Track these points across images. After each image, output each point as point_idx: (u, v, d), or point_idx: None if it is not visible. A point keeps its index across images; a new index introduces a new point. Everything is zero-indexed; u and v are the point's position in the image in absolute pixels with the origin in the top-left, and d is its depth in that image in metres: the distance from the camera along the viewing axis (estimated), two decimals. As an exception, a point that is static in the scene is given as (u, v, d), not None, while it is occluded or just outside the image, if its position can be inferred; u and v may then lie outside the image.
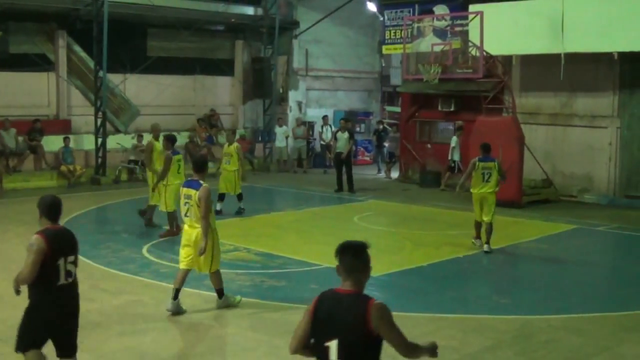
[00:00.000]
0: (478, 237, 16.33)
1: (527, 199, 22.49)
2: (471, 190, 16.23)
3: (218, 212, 20.17)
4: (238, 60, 34.02)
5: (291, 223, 19.19)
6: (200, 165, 11.89)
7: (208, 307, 11.72)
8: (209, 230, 11.12)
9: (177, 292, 11.35)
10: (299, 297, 12.20)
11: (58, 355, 7.99)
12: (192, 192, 11.14)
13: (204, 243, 10.98)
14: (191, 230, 11.32)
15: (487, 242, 16.02)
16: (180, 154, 17.64)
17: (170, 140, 17.58)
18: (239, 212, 20.32)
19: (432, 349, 5.76)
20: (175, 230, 17.06)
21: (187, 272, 11.46)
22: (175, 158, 17.20)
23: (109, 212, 21.82)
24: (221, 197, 20.26)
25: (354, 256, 5.82)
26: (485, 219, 15.94)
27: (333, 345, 5.50)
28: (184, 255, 11.48)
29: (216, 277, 11.60)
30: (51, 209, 7.77)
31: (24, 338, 7.81)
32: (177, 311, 11.30)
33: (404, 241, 16.87)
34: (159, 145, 18.37)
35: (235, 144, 20.53)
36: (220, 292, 11.66)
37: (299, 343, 5.80)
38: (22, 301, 11.86)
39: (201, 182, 11.29)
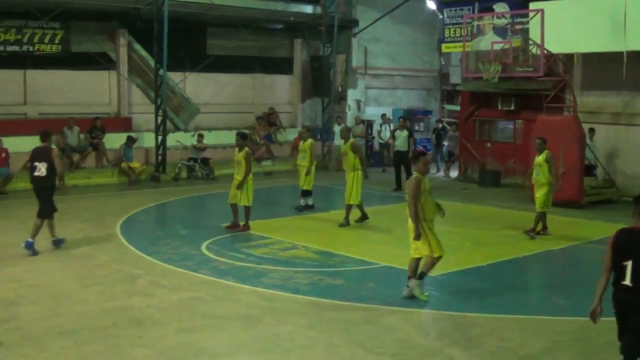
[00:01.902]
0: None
1: (588, 199, 22.19)
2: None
3: (310, 207, 20.35)
4: (297, 59, 34.12)
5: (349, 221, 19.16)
6: None
7: (265, 304, 11.77)
8: (418, 219, 11.75)
9: (409, 278, 12.07)
10: (356, 296, 12.18)
11: None
12: None
13: (415, 231, 11.72)
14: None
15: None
16: None
17: (243, 136, 18.01)
18: (299, 209, 20.36)
19: None
20: (247, 226, 17.45)
21: (418, 260, 12.10)
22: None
23: (168, 209, 22.02)
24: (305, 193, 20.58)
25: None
26: None
27: (629, 264, 7.54)
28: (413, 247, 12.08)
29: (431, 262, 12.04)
30: None
31: None
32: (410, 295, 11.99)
33: (462, 241, 16.73)
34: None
35: (310, 140, 20.55)
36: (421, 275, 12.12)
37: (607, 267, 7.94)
38: (83, 295, 12.06)
39: None
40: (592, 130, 23.54)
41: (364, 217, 18.94)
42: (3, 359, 9.25)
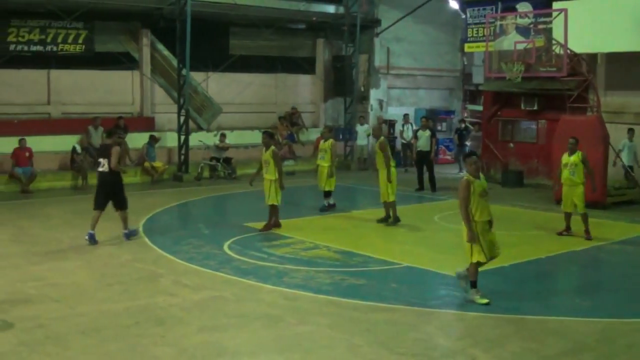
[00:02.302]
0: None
1: (612, 199, 22.06)
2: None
3: (332, 206, 20.37)
4: (319, 59, 34.14)
5: (371, 221, 19.10)
6: None
7: (287, 304, 11.77)
8: (469, 222, 11.74)
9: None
10: (378, 296, 12.16)
11: None
12: None
13: (468, 234, 11.71)
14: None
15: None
16: None
17: (270, 135, 18.22)
18: (323, 209, 20.37)
19: None
20: (269, 226, 17.55)
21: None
22: None
23: (190, 209, 22.07)
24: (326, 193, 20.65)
25: None
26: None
27: None
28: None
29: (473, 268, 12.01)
30: None
31: None
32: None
33: (484, 241, 16.70)
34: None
35: (331, 140, 20.55)
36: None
37: None
38: (105, 294, 12.11)
39: None
40: (631, 131, 23.24)
41: (387, 217, 18.93)
42: (26, 357, 9.30)
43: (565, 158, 17.44)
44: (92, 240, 15.87)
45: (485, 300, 11.80)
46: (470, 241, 11.71)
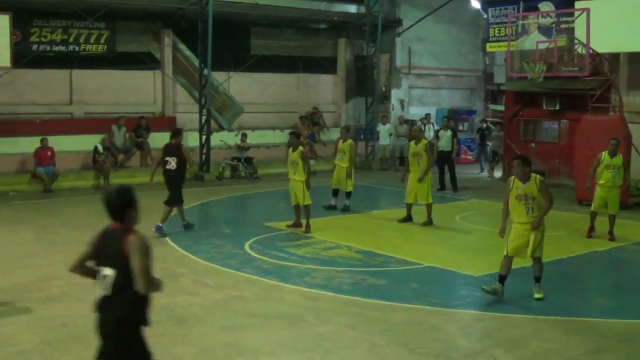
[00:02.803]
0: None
1: (634, 200, 21.94)
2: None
3: (332, 207, 20.32)
4: (340, 58, 34.13)
5: (392, 221, 19.07)
6: None
7: (308, 303, 11.78)
8: (504, 217, 12.38)
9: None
10: (399, 296, 12.16)
11: None
12: None
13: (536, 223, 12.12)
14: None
15: None
16: None
17: (297, 136, 18.42)
18: (345, 210, 20.36)
19: None
20: (309, 226, 17.57)
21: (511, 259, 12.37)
22: None
23: (212, 208, 22.11)
24: (334, 192, 20.57)
25: None
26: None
27: None
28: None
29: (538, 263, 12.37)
30: None
31: None
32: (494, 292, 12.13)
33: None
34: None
35: (349, 141, 20.56)
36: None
37: None
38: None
39: None
40: None
41: (410, 218, 18.92)
42: (48, 356, 9.36)
43: (607, 159, 17.08)
44: (160, 232, 16.79)
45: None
46: (501, 235, 12.27)
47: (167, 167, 17.22)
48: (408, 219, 18.90)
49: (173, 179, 17.25)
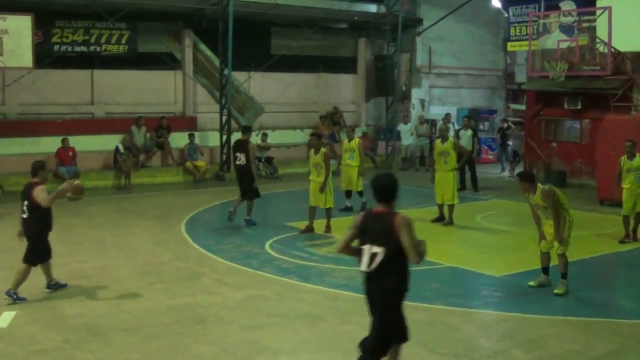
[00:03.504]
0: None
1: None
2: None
3: (349, 209, 20.22)
4: (361, 58, 34.13)
5: (413, 221, 19.02)
6: None
7: (328, 303, 11.78)
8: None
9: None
10: (419, 296, 12.09)
11: None
12: None
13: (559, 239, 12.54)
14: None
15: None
16: None
17: (319, 137, 18.59)
18: (364, 208, 20.31)
19: None
20: (329, 227, 17.55)
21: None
22: None
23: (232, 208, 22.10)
24: (347, 194, 20.44)
25: None
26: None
27: None
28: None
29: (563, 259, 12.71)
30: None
31: None
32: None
33: (527, 241, 16.51)
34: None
35: (356, 139, 20.51)
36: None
37: None
38: (147, 292, 12.21)
39: None
40: None
41: (443, 217, 18.91)
42: (70, 354, 9.41)
43: (627, 163, 16.82)
44: (250, 223, 18.09)
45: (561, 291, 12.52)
46: (561, 240, 12.63)
47: (238, 162, 18.32)
48: (441, 218, 18.88)
49: (244, 172, 18.17)
